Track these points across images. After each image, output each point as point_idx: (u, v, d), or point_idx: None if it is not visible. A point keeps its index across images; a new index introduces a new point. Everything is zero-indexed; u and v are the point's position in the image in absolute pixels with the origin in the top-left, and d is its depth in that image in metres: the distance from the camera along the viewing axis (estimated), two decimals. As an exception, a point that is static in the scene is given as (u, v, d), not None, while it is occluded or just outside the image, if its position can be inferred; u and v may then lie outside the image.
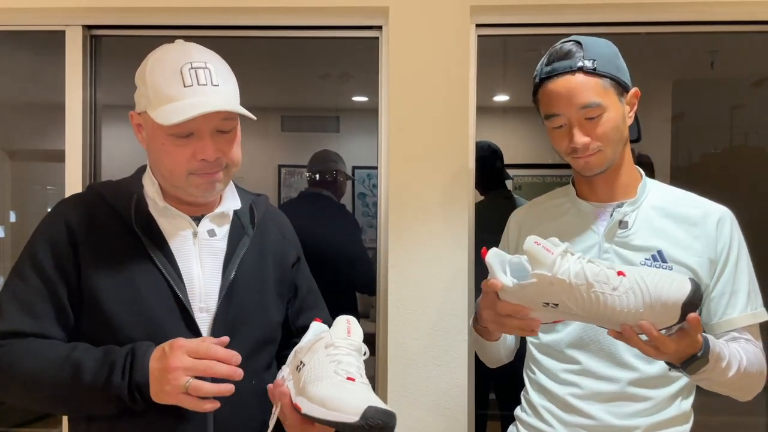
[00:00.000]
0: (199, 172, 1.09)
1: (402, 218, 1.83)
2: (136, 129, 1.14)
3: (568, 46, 1.22)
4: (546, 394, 1.31)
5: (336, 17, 1.91)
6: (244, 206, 1.23)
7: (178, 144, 1.07)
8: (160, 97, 1.05)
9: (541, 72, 1.25)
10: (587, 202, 1.32)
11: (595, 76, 1.19)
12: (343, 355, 1.02)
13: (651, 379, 1.21)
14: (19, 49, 2.16)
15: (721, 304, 1.23)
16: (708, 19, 1.87)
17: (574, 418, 1.25)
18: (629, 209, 1.26)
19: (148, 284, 1.08)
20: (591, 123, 1.20)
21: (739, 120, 2.90)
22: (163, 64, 1.08)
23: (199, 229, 1.16)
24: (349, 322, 1.07)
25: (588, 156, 1.22)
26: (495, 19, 1.88)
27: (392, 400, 1.83)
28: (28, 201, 2.79)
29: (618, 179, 1.28)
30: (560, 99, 1.20)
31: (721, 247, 1.24)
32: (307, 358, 1.04)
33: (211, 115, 1.05)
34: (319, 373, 0.99)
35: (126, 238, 1.11)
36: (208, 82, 1.06)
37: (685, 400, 1.25)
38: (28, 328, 1.06)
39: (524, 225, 1.42)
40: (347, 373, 0.98)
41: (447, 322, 1.82)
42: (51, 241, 1.09)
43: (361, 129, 3.01)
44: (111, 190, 1.17)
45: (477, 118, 1.92)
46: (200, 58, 1.08)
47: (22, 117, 2.56)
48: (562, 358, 1.29)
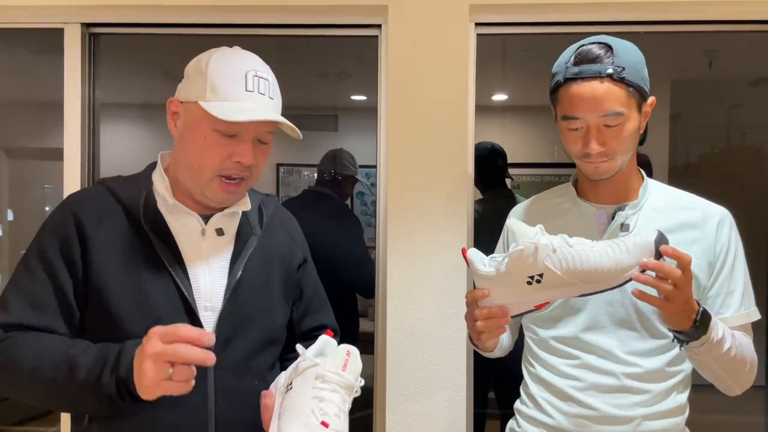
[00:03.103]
0: (227, 173, 1.10)
1: (401, 217, 1.83)
2: (171, 116, 1.15)
3: (598, 49, 1.18)
4: (546, 387, 1.31)
5: (335, 16, 1.91)
6: (253, 206, 1.23)
7: (221, 142, 1.09)
8: (219, 93, 1.08)
9: (565, 72, 1.19)
10: (588, 203, 1.31)
11: (622, 85, 1.15)
12: (329, 392, 0.98)
13: (648, 373, 1.23)
14: (18, 46, 2.16)
15: (717, 304, 1.25)
16: (706, 18, 1.87)
17: (575, 409, 1.26)
18: (631, 212, 1.26)
19: (154, 281, 1.08)
20: (610, 130, 1.18)
21: (736, 120, 2.91)
22: (228, 65, 1.11)
23: (207, 227, 1.16)
24: (349, 354, 1.02)
25: (600, 162, 1.21)
26: (494, 18, 1.89)
27: (391, 399, 1.83)
28: (26, 199, 2.79)
29: (622, 181, 1.28)
30: (584, 103, 1.17)
31: (720, 249, 1.25)
32: (297, 382, 1.01)
33: (259, 123, 1.08)
34: (298, 406, 0.97)
35: (134, 234, 1.11)
36: (266, 93, 1.11)
37: (680, 393, 1.27)
38: (33, 322, 1.06)
39: (524, 221, 1.42)
40: (323, 416, 0.95)
41: (445, 322, 1.83)
42: (59, 235, 1.09)
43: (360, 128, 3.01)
44: (120, 185, 1.17)
45: (476, 117, 1.92)
46: (264, 69, 1.13)
47: (20, 115, 2.56)
48: (561, 353, 1.30)
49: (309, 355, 1.01)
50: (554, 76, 1.24)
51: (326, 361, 1.01)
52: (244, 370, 1.13)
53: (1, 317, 1.06)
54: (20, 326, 1.05)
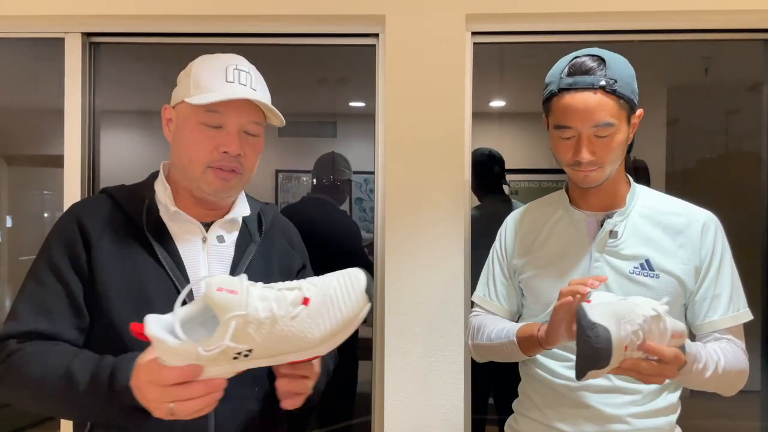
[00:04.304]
0: (217, 164, 1.12)
1: (398, 223, 1.84)
2: (165, 123, 1.19)
3: (591, 61, 1.21)
4: (541, 386, 1.35)
5: (333, 25, 1.93)
6: (252, 214, 1.26)
7: (206, 134, 1.11)
8: (200, 87, 1.11)
9: (559, 82, 1.22)
10: (579, 210, 1.35)
11: (613, 97, 1.19)
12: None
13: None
14: (19, 55, 2.17)
15: (704, 307, 1.28)
16: (701, 27, 1.89)
17: (570, 409, 1.30)
18: (619, 219, 1.30)
19: (156, 288, 1.10)
20: (600, 140, 1.22)
21: (734, 125, 2.92)
22: (210, 63, 1.15)
23: (208, 235, 1.18)
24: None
25: (589, 171, 1.24)
26: (490, 27, 1.90)
27: (389, 404, 1.84)
28: (25, 206, 2.79)
29: (609, 189, 1.32)
30: (576, 114, 1.20)
31: (705, 253, 1.28)
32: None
33: (241, 113, 1.11)
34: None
35: (136, 241, 1.12)
36: (248, 84, 1.13)
37: (671, 393, 1.30)
38: (44, 329, 1.06)
39: (520, 228, 1.45)
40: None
41: (443, 327, 1.83)
42: (66, 243, 1.11)
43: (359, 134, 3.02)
44: (123, 194, 1.19)
45: (474, 123, 1.93)
46: (245, 64, 1.17)
47: (21, 122, 2.57)
48: (554, 355, 1.34)
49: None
50: (548, 86, 1.27)
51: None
52: (244, 376, 1.13)
53: (13, 327, 1.07)
54: (32, 334, 1.06)
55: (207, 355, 0.84)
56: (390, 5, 1.85)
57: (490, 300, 1.47)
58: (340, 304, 0.92)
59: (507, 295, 1.46)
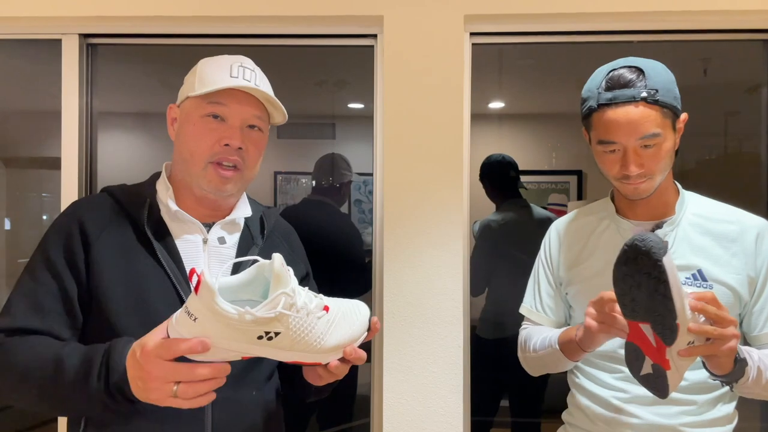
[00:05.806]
0: (219, 158, 1.12)
1: (397, 225, 1.84)
2: (170, 123, 1.19)
3: (629, 73, 1.17)
4: (591, 398, 1.31)
5: (331, 26, 1.93)
6: (254, 217, 1.25)
7: (210, 127, 1.11)
8: (205, 82, 1.12)
9: (598, 97, 1.19)
10: (627, 220, 1.31)
11: (656, 107, 1.16)
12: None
13: (692, 385, 1.22)
14: (16, 57, 2.17)
15: (762, 318, 1.23)
16: (700, 27, 1.89)
17: (622, 418, 1.26)
18: (668, 229, 1.26)
19: (156, 288, 1.09)
20: (647, 151, 1.18)
21: (733, 126, 2.91)
22: (215, 61, 1.16)
23: (209, 236, 1.17)
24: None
25: (639, 183, 1.20)
26: (488, 28, 1.90)
27: (388, 407, 1.83)
28: (23, 209, 2.79)
29: (658, 198, 1.27)
30: (620, 128, 1.16)
31: (761, 262, 1.23)
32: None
33: (244, 106, 1.11)
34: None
35: (137, 241, 1.12)
36: (251, 81, 1.13)
37: (726, 404, 1.26)
38: (35, 326, 1.05)
39: (565, 239, 1.41)
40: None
41: (442, 329, 1.83)
42: (64, 241, 1.10)
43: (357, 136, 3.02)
44: (124, 193, 1.18)
45: (473, 125, 1.93)
46: (250, 63, 1.17)
47: (18, 124, 2.56)
48: (603, 367, 1.30)
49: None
50: (585, 101, 1.23)
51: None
52: (242, 380, 1.12)
53: (5, 322, 1.06)
54: (23, 330, 1.05)
55: (250, 318, 0.85)
56: (388, 6, 1.85)
57: (537, 312, 1.43)
58: (350, 321, 0.95)
59: (554, 306, 1.42)
